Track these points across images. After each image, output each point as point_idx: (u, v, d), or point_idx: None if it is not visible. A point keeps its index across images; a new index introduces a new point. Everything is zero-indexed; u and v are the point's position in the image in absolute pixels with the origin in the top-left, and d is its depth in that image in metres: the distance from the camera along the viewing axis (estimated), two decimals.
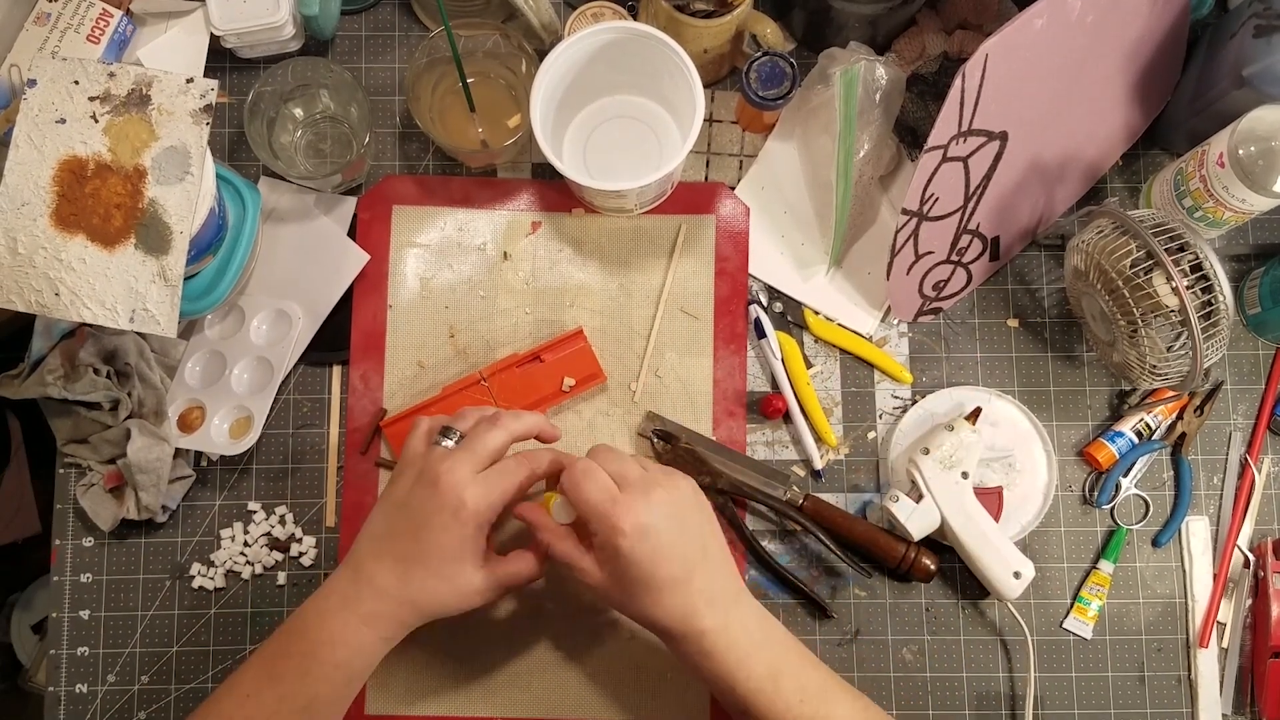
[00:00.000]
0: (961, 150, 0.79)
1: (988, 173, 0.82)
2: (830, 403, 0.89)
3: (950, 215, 0.83)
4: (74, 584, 0.86)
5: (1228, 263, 0.92)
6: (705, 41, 0.85)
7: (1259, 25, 0.79)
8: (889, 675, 0.86)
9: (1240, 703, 0.86)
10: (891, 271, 0.84)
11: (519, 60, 0.86)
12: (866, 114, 0.84)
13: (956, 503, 0.83)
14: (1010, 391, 0.89)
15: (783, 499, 0.86)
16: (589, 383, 0.87)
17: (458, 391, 0.86)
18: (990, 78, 0.74)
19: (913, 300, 0.88)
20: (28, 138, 0.73)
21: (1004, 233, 0.88)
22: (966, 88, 0.74)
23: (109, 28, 0.86)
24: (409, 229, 0.90)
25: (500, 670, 0.85)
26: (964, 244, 0.86)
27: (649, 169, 0.81)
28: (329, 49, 0.93)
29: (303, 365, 0.89)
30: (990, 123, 0.78)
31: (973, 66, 0.73)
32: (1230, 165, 0.78)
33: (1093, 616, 0.86)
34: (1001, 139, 0.80)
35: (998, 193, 0.84)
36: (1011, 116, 0.79)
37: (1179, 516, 0.87)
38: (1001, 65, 0.74)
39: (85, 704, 0.84)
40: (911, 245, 0.84)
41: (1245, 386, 0.90)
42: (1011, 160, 0.82)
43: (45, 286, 0.73)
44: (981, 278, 0.90)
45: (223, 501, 0.87)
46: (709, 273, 0.90)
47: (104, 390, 0.82)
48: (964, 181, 0.81)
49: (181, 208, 0.75)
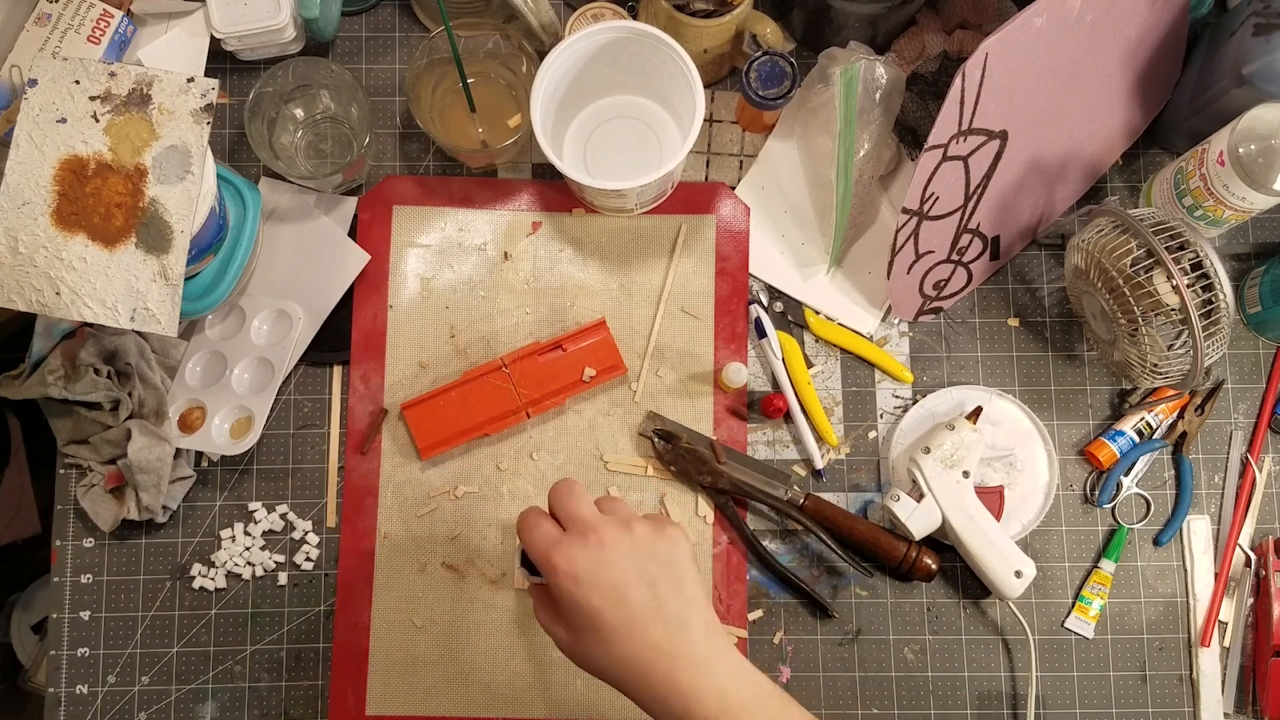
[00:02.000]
0: (962, 149, 0.79)
1: (988, 172, 0.82)
2: (831, 402, 0.89)
3: (951, 214, 0.84)
4: (74, 584, 0.86)
5: (1228, 261, 0.92)
6: (705, 41, 0.85)
7: (1259, 24, 0.79)
8: (890, 675, 0.86)
9: (1242, 702, 0.86)
10: (892, 271, 0.84)
11: (519, 60, 0.86)
12: (866, 113, 0.84)
13: (958, 502, 0.82)
14: (1011, 390, 0.89)
15: (784, 498, 0.86)
16: (610, 374, 0.87)
17: (479, 377, 0.86)
18: (990, 77, 0.74)
19: (913, 299, 0.88)
20: (29, 137, 0.73)
21: (1004, 232, 0.88)
22: (966, 87, 0.74)
23: (109, 28, 0.86)
24: (409, 229, 0.90)
25: (500, 670, 0.84)
26: (964, 243, 0.86)
27: (649, 169, 0.81)
28: (329, 50, 0.93)
29: (303, 365, 0.89)
30: (990, 122, 0.78)
31: (973, 66, 0.73)
32: (1230, 164, 0.78)
33: (1094, 616, 0.86)
34: (1002, 138, 0.80)
35: (998, 192, 0.84)
36: (1011, 115, 0.79)
37: (1180, 515, 0.87)
38: (1001, 64, 0.74)
39: (85, 705, 0.84)
40: (912, 244, 0.84)
41: (1246, 385, 0.90)
42: (1011, 159, 0.82)
43: (46, 286, 0.73)
44: (982, 277, 0.90)
45: (223, 502, 0.87)
46: (709, 273, 0.90)
47: (104, 390, 0.82)
48: (964, 181, 0.81)
49: (182, 207, 0.75)
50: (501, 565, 0.86)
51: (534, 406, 0.86)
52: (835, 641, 0.86)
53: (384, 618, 0.85)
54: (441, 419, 0.86)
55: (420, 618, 0.85)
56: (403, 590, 0.85)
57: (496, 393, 0.86)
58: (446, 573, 0.86)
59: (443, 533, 0.86)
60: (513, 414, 0.86)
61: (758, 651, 0.85)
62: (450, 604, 0.85)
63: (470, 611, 0.85)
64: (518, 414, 0.86)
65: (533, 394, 0.86)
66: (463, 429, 0.86)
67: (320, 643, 0.85)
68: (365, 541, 0.86)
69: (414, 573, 0.85)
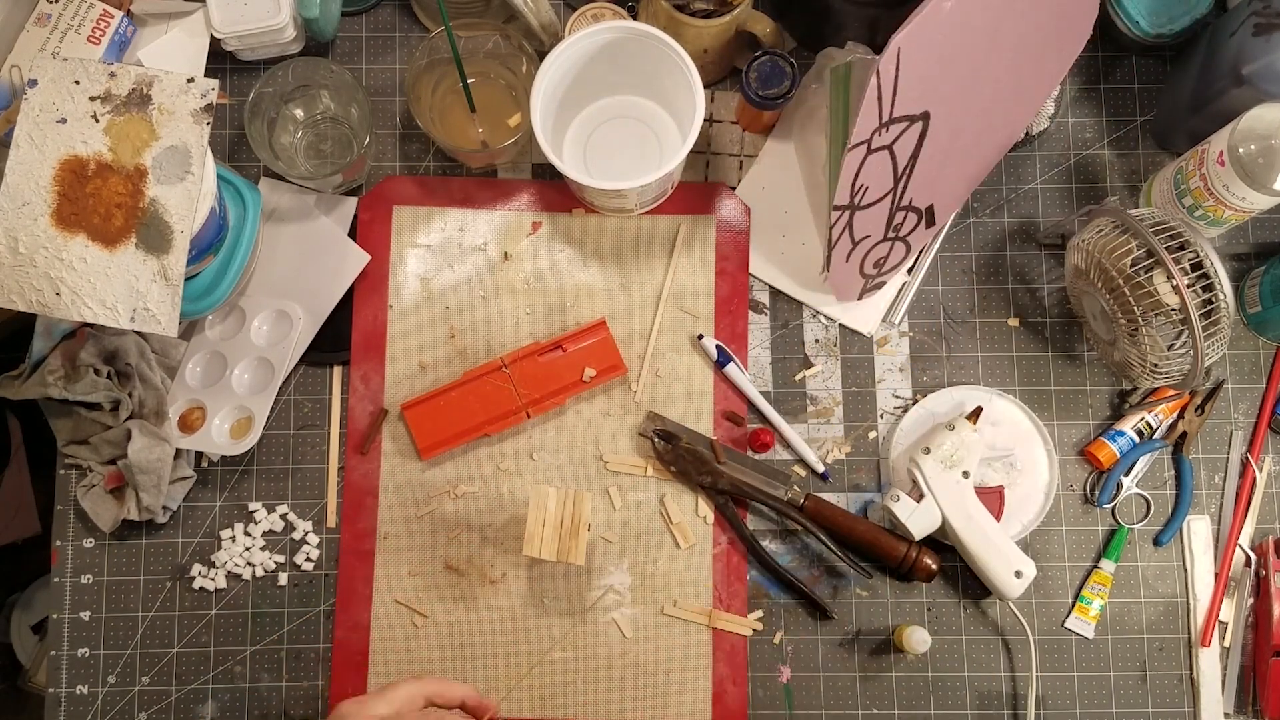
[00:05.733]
0: (885, 139, 0.78)
1: (914, 152, 0.81)
2: (831, 402, 0.89)
3: (882, 199, 0.83)
4: (74, 585, 0.86)
5: (1228, 261, 0.92)
6: (705, 41, 0.85)
7: (1258, 24, 0.79)
8: (890, 675, 0.86)
9: (1242, 702, 0.86)
10: (831, 263, 0.84)
11: (519, 60, 0.86)
12: None
13: (958, 502, 0.82)
14: (1011, 391, 0.89)
15: (783, 499, 0.86)
16: (610, 374, 0.87)
17: (479, 377, 0.86)
18: (905, 67, 0.73)
19: (854, 282, 0.88)
20: (29, 137, 0.73)
21: (937, 200, 0.87)
22: (883, 84, 0.73)
23: (109, 29, 0.86)
24: (409, 229, 0.90)
25: (500, 670, 0.84)
26: (899, 220, 0.85)
27: (649, 169, 0.81)
28: (329, 50, 0.93)
29: (303, 365, 0.89)
30: (910, 107, 0.77)
31: (886, 62, 0.72)
32: (1230, 163, 0.78)
33: (1094, 616, 0.86)
34: (924, 119, 0.79)
35: (926, 166, 0.83)
36: (931, 96, 0.78)
37: (1180, 515, 0.87)
38: (916, 53, 0.73)
39: (86, 705, 0.84)
40: (848, 234, 0.83)
41: (1246, 385, 0.90)
42: (936, 134, 0.81)
43: (46, 286, 0.73)
44: (921, 244, 0.90)
45: (223, 502, 0.87)
46: (709, 273, 0.90)
47: (105, 391, 0.82)
48: (891, 167, 0.81)
49: (182, 207, 0.75)
50: (501, 565, 0.86)
51: (534, 407, 0.86)
52: (835, 642, 0.86)
53: (384, 618, 0.85)
54: (441, 419, 0.86)
55: (420, 618, 0.85)
56: (403, 590, 0.85)
57: (496, 393, 0.86)
58: (446, 573, 0.86)
59: (443, 533, 0.86)
60: (513, 414, 0.86)
61: (758, 651, 0.85)
62: (450, 604, 0.85)
63: (470, 612, 0.85)
64: (518, 414, 0.86)
65: (533, 394, 0.86)
66: (463, 429, 0.86)
67: (320, 643, 0.85)
68: (365, 542, 0.86)
69: (414, 573, 0.85)
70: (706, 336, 0.88)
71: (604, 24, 0.81)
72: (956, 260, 0.92)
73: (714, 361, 0.88)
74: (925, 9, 0.72)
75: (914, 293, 0.91)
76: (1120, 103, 0.94)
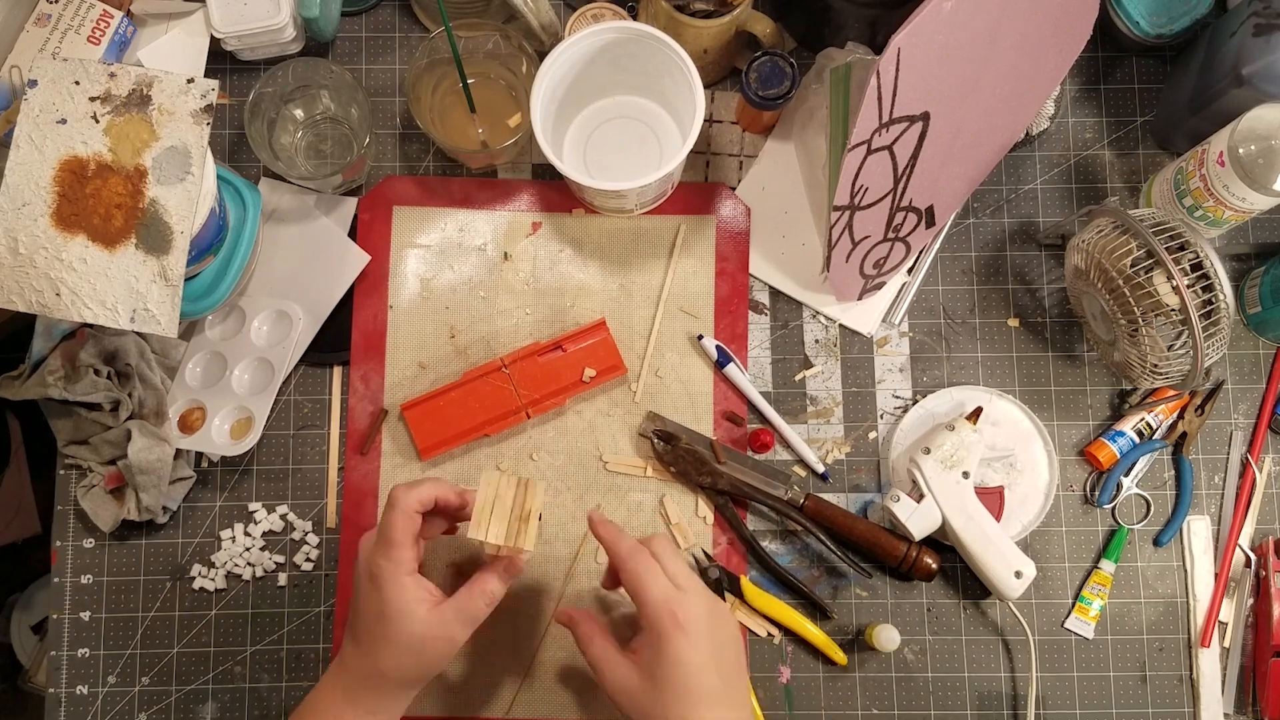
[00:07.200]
0: (885, 139, 0.78)
1: (914, 152, 0.81)
2: (831, 403, 0.89)
3: (882, 200, 0.83)
4: (74, 585, 0.86)
5: (1228, 262, 0.92)
6: (705, 41, 0.85)
7: (1258, 24, 0.79)
8: (890, 675, 0.86)
9: (1242, 702, 0.86)
10: (831, 263, 0.84)
11: (519, 61, 0.86)
12: None
13: (957, 502, 0.82)
14: (1011, 391, 0.89)
15: (783, 499, 0.86)
16: (610, 374, 0.87)
17: (479, 377, 0.86)
18: (905, 68, 0.73)
19: (854, 282, 0.88)
20: (28, 138, 0.73)
21: (938, 201, 0.87)
22: (883, 84, 0.73)
23: (109, 29, 0.86)
24: (409, 229, 0.90)
25: (501, 670, 0.84)
26: (899, 220, 0.85)
27: (649, 169, 0.81)
28: (329, 50, 0.93)
29: (303, 366, 0.89)
30: (910, 107, 0.77)
31: (886, 63, 0.72)
32: (1230, 164, 0.78)
33: (1094, 616, 0.86)
34: (924, 119, 0.79)
35: (926, 166, 0.83)
36: (931, 96, 0.78)
37: (1180, 516, 0.87)
38: (916, 53, 0.73)
39: (86, 705, 0.84)
40: (847, 235, 0.83)
41: (1246, 386, 0.90)
42: (937, 134, 0.81)
43: (46, 286, 0.73)
44: (921, 245, 0.90)
45: (223, 502, 0.87)
46: (709, 273, 0.90)
47: (104, 391, 0.82)
48: (892, 167, 0.81)
49: (182, 208, 0.75)
50: None
51: (534, 407, 0.86)
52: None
53: None
54: (441, 419, 0.86)
55: None
56: None
57: (496, 393, 0.86)
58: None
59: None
60: (513, 414, 0.86)
61: (758, 651, 0.85)
62: None
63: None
64: (518, 414, 0.86)
65: (533, 394, 0.86)
66: (463, 429, 0.86)
67: (320, 643, 0.85)
68: None
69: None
70: (706, 337, 0.88)
71: (604, 24, 0.81)
72: (956, 260, 0.92)
73: (714, 362, 0.88)
74: (925, 9, 0.72)
75: (914, 293, 0.91)
76: (1120, 103, 0.94)
